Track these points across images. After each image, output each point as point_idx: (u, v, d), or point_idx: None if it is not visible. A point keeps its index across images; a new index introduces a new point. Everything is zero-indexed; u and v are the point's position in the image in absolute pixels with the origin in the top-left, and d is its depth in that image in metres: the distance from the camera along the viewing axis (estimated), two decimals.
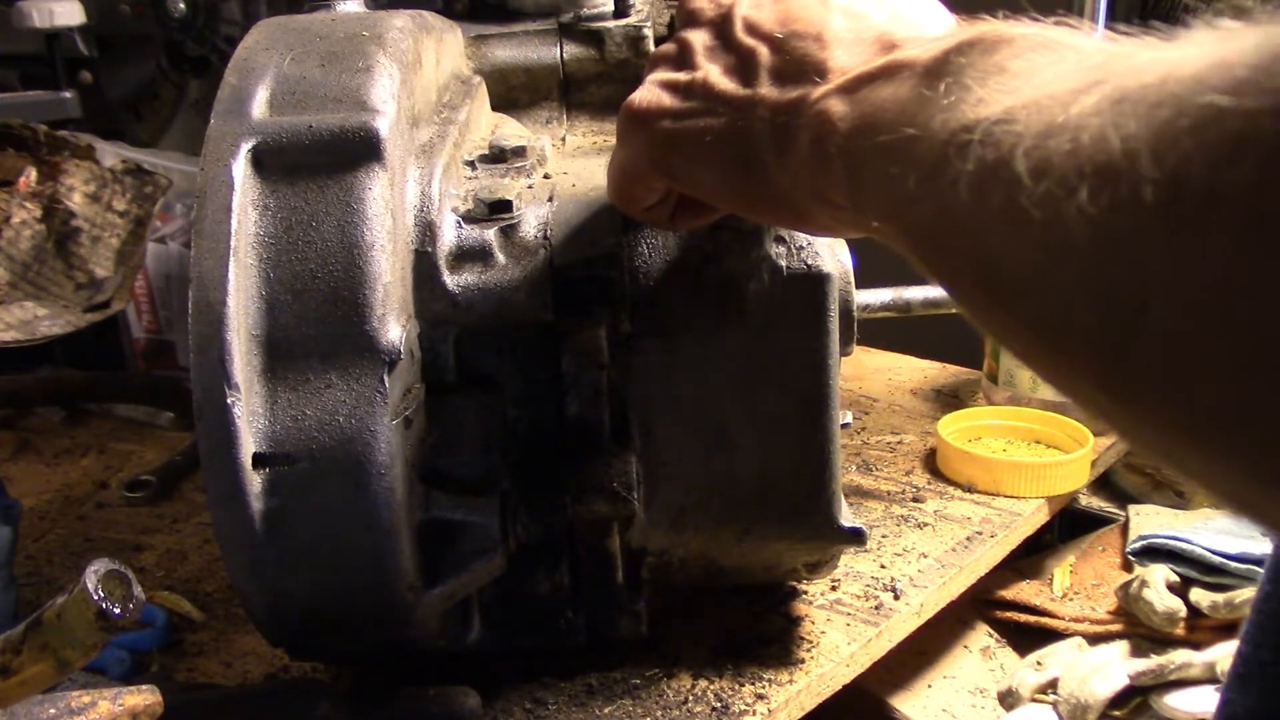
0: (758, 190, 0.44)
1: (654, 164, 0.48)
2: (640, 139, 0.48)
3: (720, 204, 0.49)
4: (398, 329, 0.52)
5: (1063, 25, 0.33)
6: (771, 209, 0.46)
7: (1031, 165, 0.28)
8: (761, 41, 0.44)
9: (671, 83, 0.47)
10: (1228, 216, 0.23)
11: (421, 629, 0.56)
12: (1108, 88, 0.27)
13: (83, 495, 0.95)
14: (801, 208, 0.43)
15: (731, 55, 0.45)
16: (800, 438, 0.60)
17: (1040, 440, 0.95)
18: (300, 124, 0.53)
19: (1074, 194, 0.26)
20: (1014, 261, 0.29)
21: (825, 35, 0.42)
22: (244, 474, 0.51)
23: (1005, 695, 0.83)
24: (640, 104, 0.48)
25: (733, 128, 0.44)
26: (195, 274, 0.51)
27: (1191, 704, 0.76)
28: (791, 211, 0.44)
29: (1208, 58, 0.24)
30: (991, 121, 0.30)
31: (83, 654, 0.44)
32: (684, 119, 0.46)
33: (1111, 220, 0.25)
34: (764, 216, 0.51)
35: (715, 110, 0.45)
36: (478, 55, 0.75)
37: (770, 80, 0.43)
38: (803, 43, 0.42)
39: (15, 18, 1.22)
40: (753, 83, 0.43)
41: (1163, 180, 0.24)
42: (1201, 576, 0.83)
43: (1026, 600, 0.92)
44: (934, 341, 1.16)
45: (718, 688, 0.64)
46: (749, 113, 0.43)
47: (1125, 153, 0.25)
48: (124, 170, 1.02)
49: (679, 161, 0.47)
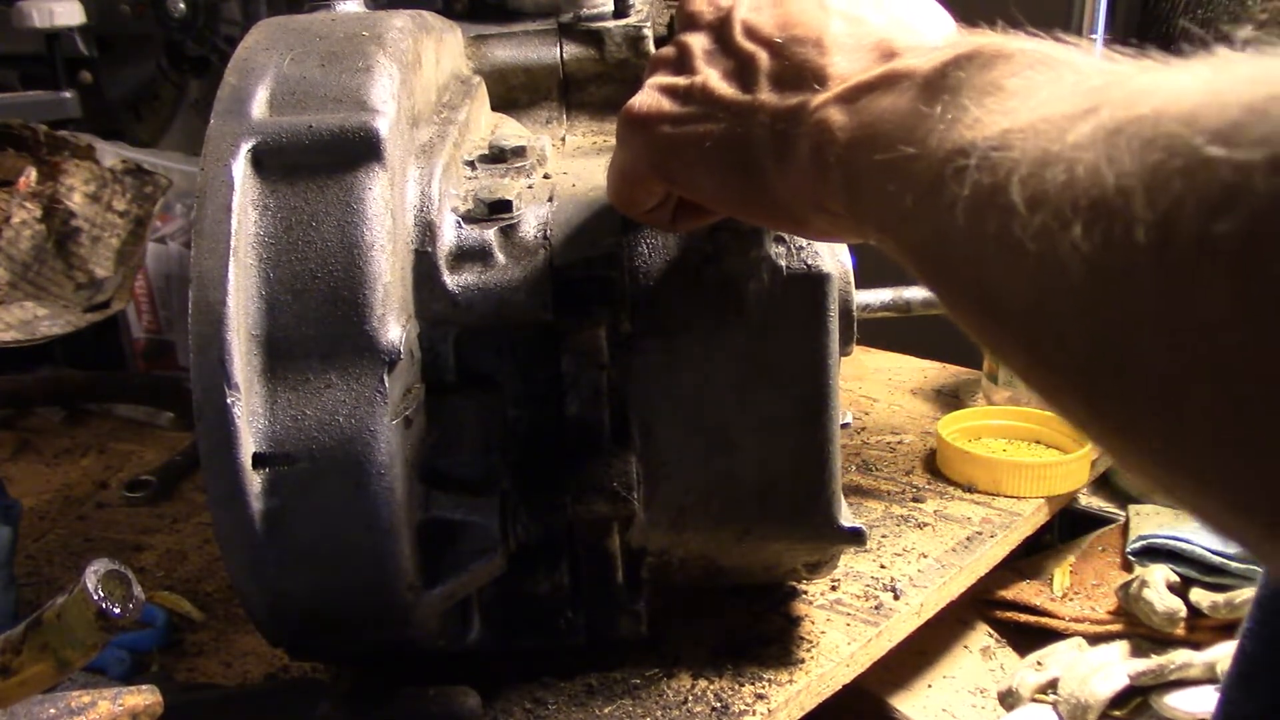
0: (757, 196, 0.44)
1: (653, 168, 0.48)
2: (640, 143, 0.48)
3: (719, 209, 0.49)
4: (398, 329, 0.52)
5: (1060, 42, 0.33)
6: (770, 214, 0.46)
7: (1027, 195, 0.28)
8: (761, 46, 0.44)
9: (671, 87, 0.47)
10: (1219, 265, 0.23)
11: (421, 629, 0.56)
12: (1104, 116, 0.27)
13: (83, 495, 0.95)
14: (800, 214, 0.43)
15: (731, 60, 0.45)
16: (800, 438, 0.60)
17: (1040, 440, 0.95)
18: (300, 124, 0.53)
19: (1068, 228, 0.26)
20: (1010, 289, 0.30)
21: (825, 40, 0.42)
22: (244, 474, 0.51)
23: (1005, 695, 0.83)
24: (640, 108, 0.48)
25: (732, 133, 0.44)
26: (195, 274, 0.51)
27: (1192, 704, 0.76)
28: (790, 217, 0.44)
29: (1202, 92, 0.24)
30: (988, 146, 0.30)
31: (83, 654, 0.44)
32: (683, 124, 0.46)
33: (1105, 258, 0.25)
34: (763, 221, 0.51)
35: (714, 115, 0.45)
36: (478, 55, 0.75)
37: (770, 86, 0.43)
38: (802, 48, 0.42)
39: (15, 18, 1.22)
40: (752, 88, 0.43)
41: (1155, 222, 0.24)
42: (1201, 576, 0.83)
43: (1026, 600, 0.92)
44: (934, 341, 1.16)
45: (718, 688, 0.64)
46: (748, 118, 0.43)
47: (1119, 190, 0.25)
48: (124, 170, 1.02)
49: (678, 166, 0.47)
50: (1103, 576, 0.93)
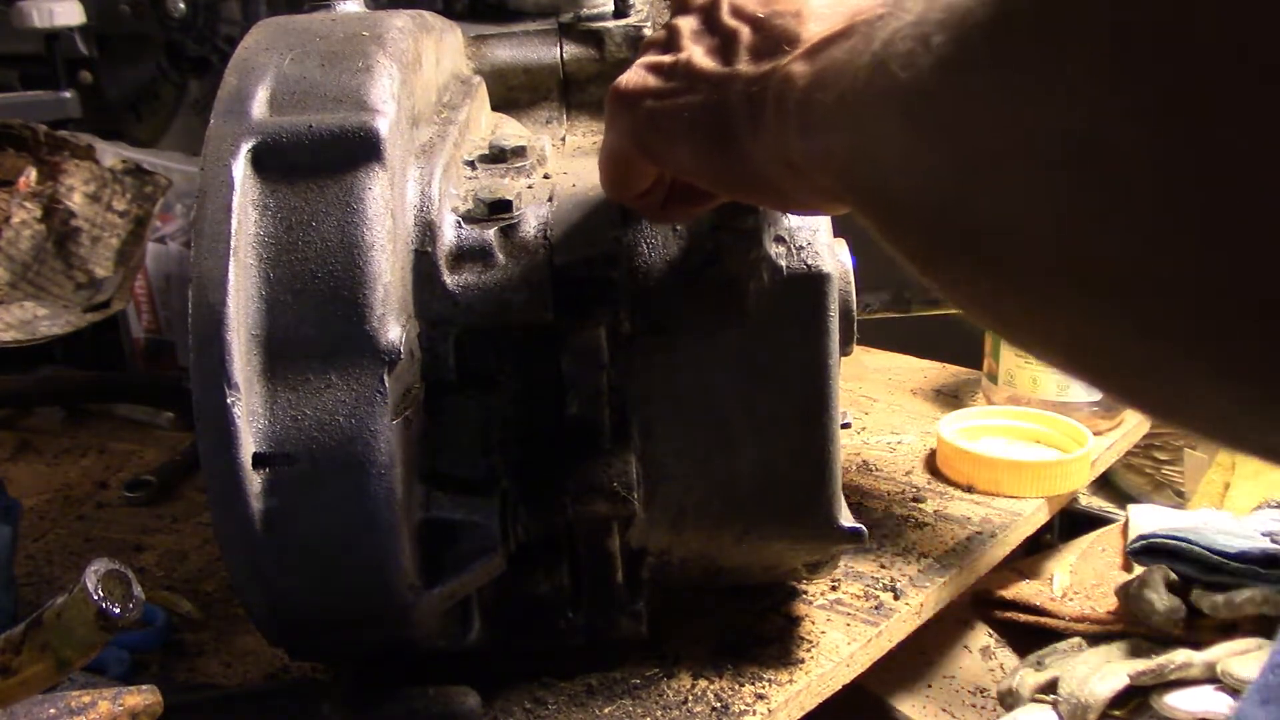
0: (735, 166, 0.44)
1: (637, 144, 0.49)
2: (625, 120, 0.49)
3: (700, 182, 0.50)
4: (398, 329, 0.52)
5: None
6: (749, 184, 0.46)
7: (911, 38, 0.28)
8: (744, 22, 0.45)
9: (656, 65, 0.48)
10: None
11: (421, 629, 0.56)
12: None
13: (83, 495, 0.95)
14: (774, 180, 0.43)
15: (715, 37, 0.46)
16: (800, 438, 0.60)
17: (1040, 440, 0.95)
18: (300, 124, 0.53)
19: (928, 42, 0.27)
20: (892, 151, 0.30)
21: (803, 11, 0.43)
22: (244, 474, 0.51)
23: (1005, 695, 0.83)
24: (625, 85, 0.49)
25: (709, 102, 0.45)
26: (195, 274, 0.51)
27: (1192, 704, 0.76)
28: (768, 186, 0.44)
29: None
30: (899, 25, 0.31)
31: (83, 654, 0.44)
32: (665, 98, 0.47)
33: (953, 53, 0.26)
34: (743, 194, 0.51)
35: (695, 89, 0.45)
36: (478, 55, 0.75)
37: (748, 57, 0.44)
38: (782, 19, 0.43)
39: (15, 18, 1.22)
40: (732, 61, 0.44)
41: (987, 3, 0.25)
42: (1201, 576, 0.82)
43: (1026, 600, 0.92)
44: (934, 341, 1.16)
45: (718, 688, 0.64)
46: (726, 88, 0.44)
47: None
48: (124, 170, 1.02)
49: (660, 140, 0.47)
50: (1102, 576, 0.93)
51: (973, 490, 0.89)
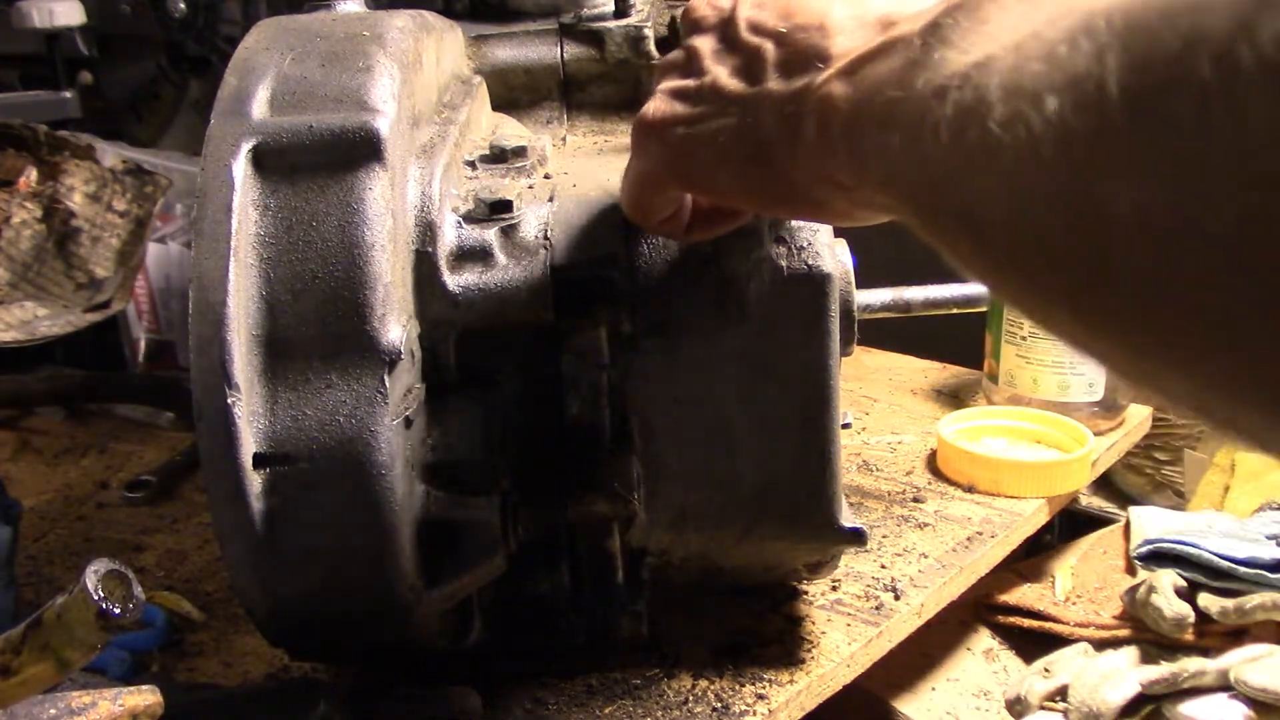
0: (773, 185, 0.44)
1: (671, 172, 0.49)
2: (656, 149, 0.48)
3: (739, 203, 0.50)
4: (398, 329, 0.52)
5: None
6: (789, 202, 0.46)
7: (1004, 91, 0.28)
8: (766, 38, 0.44)
9: (681, 90, 0.47)
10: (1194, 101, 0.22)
11: (422, 629, 0.56)
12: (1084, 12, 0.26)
13: (83, 495, 0.95)
14: (817, 196, 0.43)
15: (738, 56, 0.45)
16: (801, 438, 0.60)
17: (1040, 440, 0.95)
18: (301, 124, 0.53)
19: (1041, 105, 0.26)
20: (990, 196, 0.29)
21: (827, 24, 0.42)
22: (244, 474, 0.51)
23: (1014, 703, 0.82)
24: (653, 115, 0.48)
25: (743, 125, 0.44)
26: (195, 274, 0.51)
27: (1205, 713, 0.75)
28: (809, 201, 0.44)
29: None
30: (971, 65, 0.30)
31: (83, 654, 0.44)
32: (696, 124, 0.46)
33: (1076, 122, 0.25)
34: (785, 212, 0.51)
35: (726, 111, 0.45)
36: (478, 55, 0.75)
37: (776, 74, 0.43)
38: (806, 34, 0.43)
39: (15, 18, 1.23)
40: (760, 79, 0.44)
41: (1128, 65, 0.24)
42: (1209, 581, 0.81)
43: (1030, 605, 0.91)
44: (934, 341, 1.16)
45: (718, 688, 0.64)
46: (758, 108, 0.43)
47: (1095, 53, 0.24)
48: (124, 170, 1.02)
49: (695, 167, 0.47)
50: (1105, 580, 0.93)
51: (973, 490, 0.89)
